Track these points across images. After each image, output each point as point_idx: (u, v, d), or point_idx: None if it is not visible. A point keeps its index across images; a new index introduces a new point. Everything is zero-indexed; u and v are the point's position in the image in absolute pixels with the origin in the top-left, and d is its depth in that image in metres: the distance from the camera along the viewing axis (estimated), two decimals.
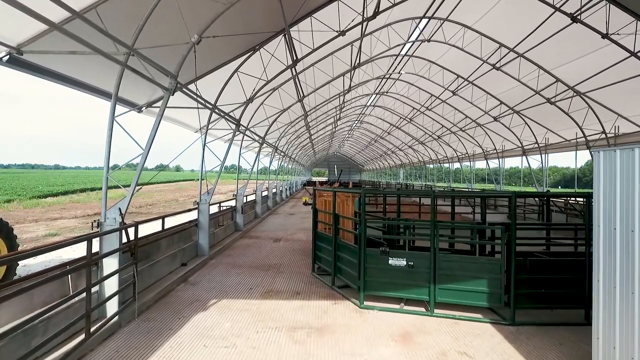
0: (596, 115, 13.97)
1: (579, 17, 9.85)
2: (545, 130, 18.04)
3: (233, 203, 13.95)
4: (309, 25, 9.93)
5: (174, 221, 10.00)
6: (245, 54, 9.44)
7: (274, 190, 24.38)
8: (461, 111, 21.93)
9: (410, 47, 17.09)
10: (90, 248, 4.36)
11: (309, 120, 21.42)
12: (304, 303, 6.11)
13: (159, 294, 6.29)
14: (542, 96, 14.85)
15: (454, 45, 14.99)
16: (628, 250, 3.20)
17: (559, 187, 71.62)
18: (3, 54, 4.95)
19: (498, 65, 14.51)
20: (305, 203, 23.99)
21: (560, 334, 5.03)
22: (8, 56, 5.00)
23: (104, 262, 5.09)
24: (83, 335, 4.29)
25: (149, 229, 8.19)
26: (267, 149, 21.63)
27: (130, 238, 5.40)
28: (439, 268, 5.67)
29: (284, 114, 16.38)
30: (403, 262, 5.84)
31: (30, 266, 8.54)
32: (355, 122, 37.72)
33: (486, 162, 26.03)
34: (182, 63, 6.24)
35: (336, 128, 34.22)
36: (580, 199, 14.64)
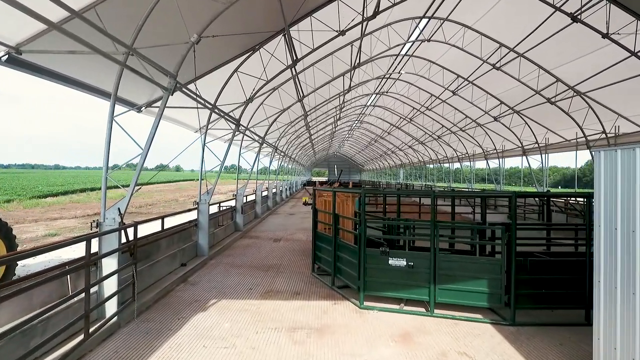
0: (596, 115, 13.96)
1: (579, 17, 9.84)
2: (545, 130, 18.03)
3: (233, 203, 13.94)
4: (309, 25, 9.92)
5: (174, 221, 9.98)
6: (245, 54, 9.43)
7: (274, 190, 24.37)
8: (461, 111, 21.92)
9: (410, 47, 17.07)
10: (89, 248, 4.35)
11: (308, 120, 21.41)
12: (304, 303, 6.10)
13: (159, 294, 6.28)
14: (542, 96, 14.84)
15: (454, 45, 14.98)
16: (629, 250, 3.18)
17: (559, 187, 71.63)
18: (2, 54, 4.95)
19: (498, 65, 14.50)
20: (305, 203, 23.96)
21: (560, 335, 5.02)
22: (7, 56, 4.99)
23: (103, 263, 5.08)
24: (82, 336, 4.28)
25: (149, 229, 8.18)
26: (267, 149, 21.62)
27: (129, 238, 5.39)
28: (439, 268, 5.66)
29: (283, 114, 16.37)
30: (403, 263, 5.82)
31: (29, 266, 8.53)
32: (355, 122, 37.70)
33: (486, 162, 26.02)
34: (182, 63, 6.24)
35: (336, 128, 34.22)
36: (580, 199, 14.65)
